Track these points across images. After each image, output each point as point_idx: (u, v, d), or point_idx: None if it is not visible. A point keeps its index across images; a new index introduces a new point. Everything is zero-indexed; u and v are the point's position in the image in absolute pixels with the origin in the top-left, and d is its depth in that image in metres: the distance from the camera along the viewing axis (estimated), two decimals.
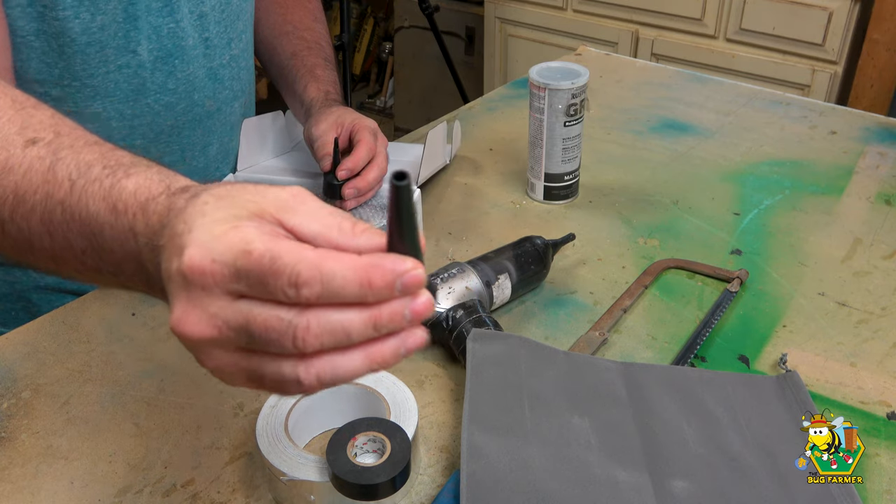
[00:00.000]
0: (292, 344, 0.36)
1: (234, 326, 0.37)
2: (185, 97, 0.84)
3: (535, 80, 0.91)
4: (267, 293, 0.36)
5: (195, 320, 0.38)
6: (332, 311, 0.36)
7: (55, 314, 0.80)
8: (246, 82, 0.94)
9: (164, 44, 0.80)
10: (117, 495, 0.60)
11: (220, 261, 0.37)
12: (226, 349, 0.39)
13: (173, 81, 0.82)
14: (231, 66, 0.89)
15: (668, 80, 1.33)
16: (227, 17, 0.87)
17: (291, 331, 0.36)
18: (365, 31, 3.17)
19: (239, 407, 0.68)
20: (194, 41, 0.83)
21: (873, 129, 1.15)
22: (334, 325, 0.36)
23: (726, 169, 1.05)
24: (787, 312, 0.79)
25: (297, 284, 0.35)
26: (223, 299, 0.37)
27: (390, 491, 0.55)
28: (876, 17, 1.79)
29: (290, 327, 0.36)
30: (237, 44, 0.90)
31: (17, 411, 0.68)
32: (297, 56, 0.98)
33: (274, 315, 0.36)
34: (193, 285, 0.37)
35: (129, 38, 0.77)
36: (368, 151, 0.85)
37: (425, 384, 0.70)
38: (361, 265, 0.36)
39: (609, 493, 0.55)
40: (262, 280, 0.36)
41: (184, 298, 0.38)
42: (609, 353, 0.74)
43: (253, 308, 0.37)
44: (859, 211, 0.96)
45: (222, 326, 0.37)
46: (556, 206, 0.98)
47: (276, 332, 0.36)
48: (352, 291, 0.36)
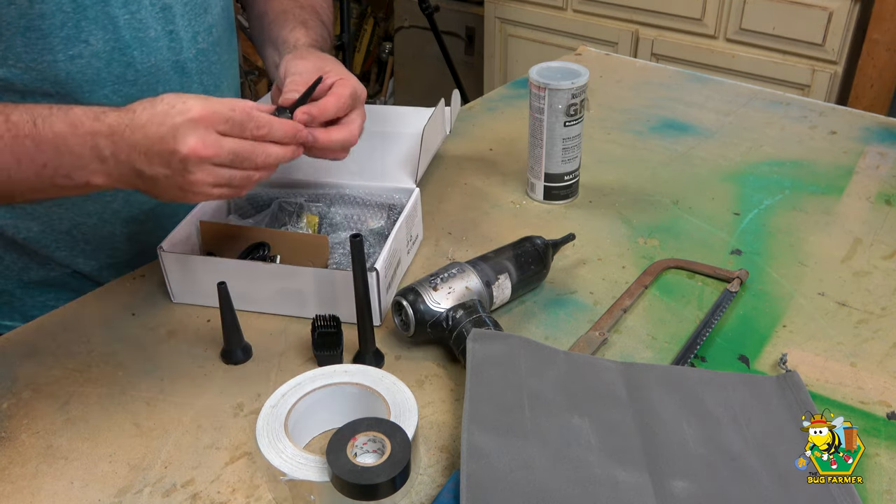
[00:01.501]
0: (257, 159, 0.66)
1: (227, 148, 0.64)
2: (147, 89, 0.83)
3: (535, 80, 0.91)
4: (241, 132, 0.65)
5: (205, 145, 0.63)
6: (273, 145, 0.67)
7: (55, 314, 0.80)
8: (219, 77, 0.92)
9: (122, 34, 0.79)
10: (117, 495, 0.60)
11: (217, 110, 0.64)
12: (217, 164, 0.64)
13: (132, 73, 0.81)
14: (199, 59, 0.88)
15: (668, 80, 1.33)
16: (193, 10, 0.86)
17: (259, 149, 0.66)
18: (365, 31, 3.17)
19: (239, 407, 0.68)
20: (157, 33, 0.82)
21: (873, 129, 1.15)
22: (277, 150, 0.68)
23: (726, 169, 1.05)
24: (787, 312, 0.79)
25: (258, 127, 0.66)
26: (217, 135, 0.64)
27: (390, 491, 0.55)
28: (876, 17, 1.79)
29: (256, 147, 0.66)
30: (205, 37, 0.88)
31: (17, 411, 0.68)
32: (287, 12, 0.92)
33: (248, 143, 0.66)
34: (200, 125, 0.63)
35: (79, 27, 0.76)
36: (337, 106, 0.73)
37: (425, 384, 0.70)
38: (287, 124, 0.68)
39: (609, 493, 0.55)
40: (242, 124, 0.65)
41: (197, 134, 0.63)
42: (609, 353, 0.74)
43: (236, 140, 0.65)
44: (859, 211, 0.96)
45: (220, 149, 0.64)
46: (556, 206, 0.98)
47: (248, 152, 0.65)
48: (281, 135, 0.68)
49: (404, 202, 0.86)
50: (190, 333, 0.77)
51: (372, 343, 0.71)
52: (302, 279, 0.76)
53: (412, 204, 0.84)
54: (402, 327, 0.74)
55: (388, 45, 3.16)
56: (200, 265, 0.78)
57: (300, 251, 0.80)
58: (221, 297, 0.70)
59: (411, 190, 0.87)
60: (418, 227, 0.89)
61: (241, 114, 0.64)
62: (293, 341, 0.76)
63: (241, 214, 0.90)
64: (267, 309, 0.79)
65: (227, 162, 0.64)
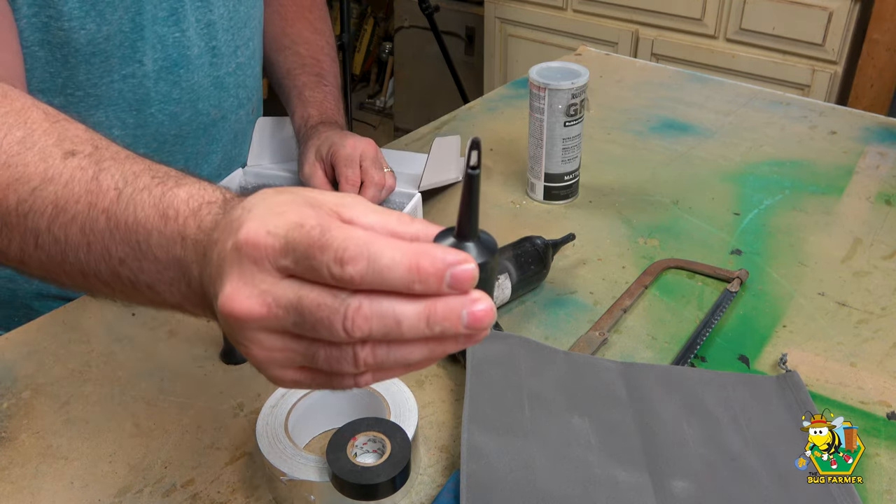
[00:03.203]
0: (342, 325, 0.35)
1: (283, 304, 0.36)
2: (189, 106, 0.83)
3: (535, 80, 0.91)
4: (312, 270, 0.35)
5: (244, 297, 0.37)
6: (384, 297, 0.35)
7: (55, 314, 0.80)
8: (252, 89, 0.93)
9: (169, 53, 0.79)
10: (117, 495, 0.60)
11: (273, 233, 0.36)
12: (274, 332, 0.37)
13: (178, 91, 0.81)
14: (237, 73, 0.88)
15: (668, 80, 1.33)
16: (235, 25, 0.86)
17: (343, 309, 0.35)
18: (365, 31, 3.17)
19: (239, 407, 0.68)
20: (200, 50, 0.82)
21: (873, 129, 1.15)
22: (385, 310, 0.35)
23: (726, 169, 1.05)
24: (787, 312, 0.79)
25: (342, 260, 0.34)
26: (274, 275, 0.37)
27: (390, 491, 0.55)
28: (876, 17, 1.79)
29: (341, 305, 0.35)
30: (244, 51, 0.89)
31: (17, 411, 0.68)
32: (289, 75, 0.96)
33: (324, 294, 0.35)
34: (245, 259, 0.37)
35: (134, 48, 0.76)
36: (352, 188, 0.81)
37: (425, 384, 0.70)
38: (411, 248, 0.35)
39: (609, 493, 0.55)
40: (308, 253, 0.35)
41: (236, 275, 0.37)
42: (609, 353, 0.74)
43: (303, 286, 0.36)
44: (859, 211, 0.96)
45: (272, 304, 0.36)
46: (556, 206, 0.98)
47: (326, 310, 0.35)
48: (398, 274, 0.34)
49: (406, 204, 0.86)
50: (190, 333, 0.77)
51: None
52: None
53: (411, 208, 0.84)
54: None
55: (388, 45, 3.16)
56: None
57: None
58: None
59: (412, 194, 0.87)
60: None
61: (307, 233, 0.36)
62: None
63: None
64: None
65: (290, 325, 0.37)
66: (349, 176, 0.81)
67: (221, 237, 0.39)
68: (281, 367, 0.39)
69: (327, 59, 1.00)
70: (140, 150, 0.70)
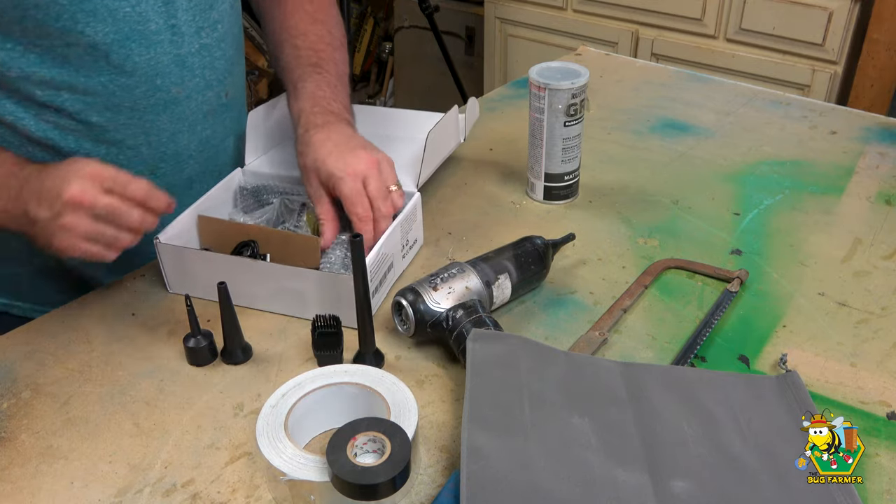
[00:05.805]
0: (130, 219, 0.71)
1: (104, 202, 0.69)
2: (144, 81, 0.83)
3: (535, 80, 0.91)
4: (122, 193, 0.70)
5: (84, 193, 0.68)
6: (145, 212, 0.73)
7: (55, 314, 0.80)
8: (222, 72, 0.92)
9: (120, 27, 0.80)
10: (117, 495, 0.60)
11: (107, 170, 0.70)
12: (92, 216, 0.69)
13: (130, 64, 0.82)
14: (202, 54, 0.88)
15: (668, 80, 1.33)
16: (198, 6, 0.86)
17: (135, 211, 0.72)
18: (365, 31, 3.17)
19: (239, 407, 0.68)
20: (158, 27, 0.82)
21: (873, 129, 1.15)
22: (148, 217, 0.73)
23: (726, 169, 1.05)
24: (787, 312, 0.79)
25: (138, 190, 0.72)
26: (100, 189, 0.69)
27: (390, 491, 0.55)
28: (876, 17, 1.79)
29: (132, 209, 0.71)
30: (209, 33, 0.89)
31: (17, 411, 0.68)
32: (287, 69, 0.96)
33: (125, 204, 0.70)
34: (87, 179, 0.69)
35: (75, 19, 0.76)
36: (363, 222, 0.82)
37: (425, 384, 0.70)
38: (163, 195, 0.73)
39: (609, 493, 0.55)
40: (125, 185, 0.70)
41: (79, 184, 0.68)
42: (609, 353, 0.74)
43: (114, 198, 0.70)
44: (859, 211, 0.96)
45: (98, 200, 0.69)
46: (556, 206, 0.98)
47: (123, 211, 0.70)
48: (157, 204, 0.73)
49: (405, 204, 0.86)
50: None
51: (372, 343, 0.71)
52: (300, 279, 0.76)
53: (410, 207, 0.84)
54: (402, 327, 0.74)
55: (388, 45, 3.16)
56: (195, 259, 0.79)
57: (292, 251, 0.80)
58: (221, 298, 0.70)
59: (412, 193, 0.87)
60: (418, 231, 0.88)
61: (126, 176, 0.70)
62: (293, 341, 0.76)
63: (245, 210, 0.91)
64: (263, 307, 0.79)
65: (102, 215, 0.68)
66: (360, 214, 0.81)
67: (57, 173, 0.70)
68: (80, 238, 0.69)
69: (327, 48, 0.99)
70: (93, 118, 0.83)
